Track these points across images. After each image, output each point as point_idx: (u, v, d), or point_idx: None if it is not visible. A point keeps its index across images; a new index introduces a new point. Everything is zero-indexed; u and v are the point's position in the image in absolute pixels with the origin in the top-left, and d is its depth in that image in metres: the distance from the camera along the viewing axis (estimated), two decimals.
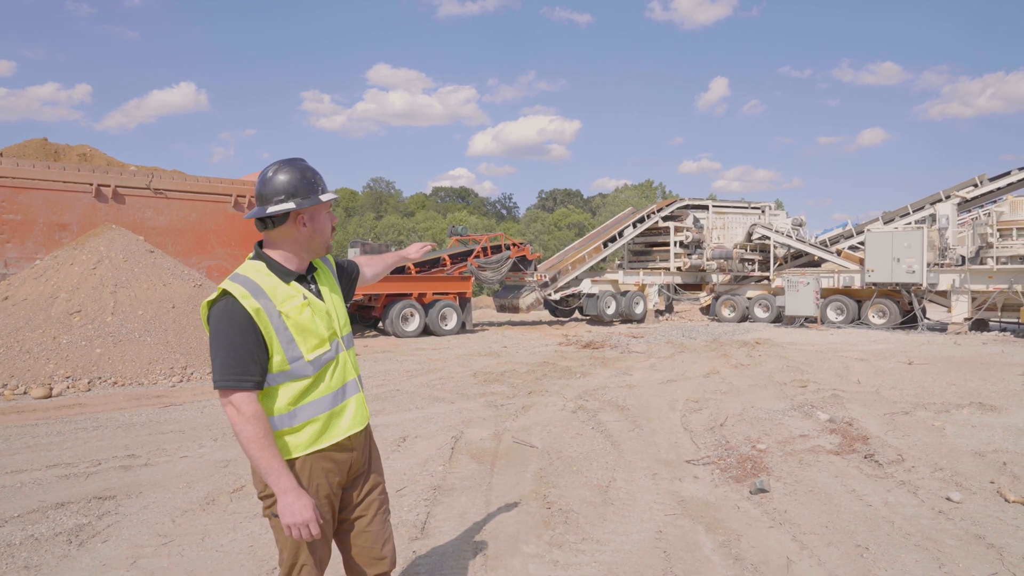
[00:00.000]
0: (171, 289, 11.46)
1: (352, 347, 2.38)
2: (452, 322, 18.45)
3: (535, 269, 21.32)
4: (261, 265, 2.20)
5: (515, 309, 20.93)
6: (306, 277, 2.27)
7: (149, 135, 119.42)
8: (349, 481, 2.31)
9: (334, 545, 2.36)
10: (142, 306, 10.83)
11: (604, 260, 24.49)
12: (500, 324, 22.26)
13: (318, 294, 2.26)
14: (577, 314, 23.36)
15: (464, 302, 19.12)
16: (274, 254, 2.22)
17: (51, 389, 8.82)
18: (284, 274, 2.19)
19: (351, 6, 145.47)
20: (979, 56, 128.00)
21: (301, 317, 2.14)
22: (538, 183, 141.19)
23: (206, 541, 4.04)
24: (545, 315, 24.64)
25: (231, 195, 14.07)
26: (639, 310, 22.60)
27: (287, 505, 2.05)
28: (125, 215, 12.77)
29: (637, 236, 24.24)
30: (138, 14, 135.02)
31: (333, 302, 2.31)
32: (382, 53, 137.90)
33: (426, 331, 18.05)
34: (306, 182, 2.19)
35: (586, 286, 22.12)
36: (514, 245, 20.93)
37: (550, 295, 21.31)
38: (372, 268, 2.80)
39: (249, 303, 2.06)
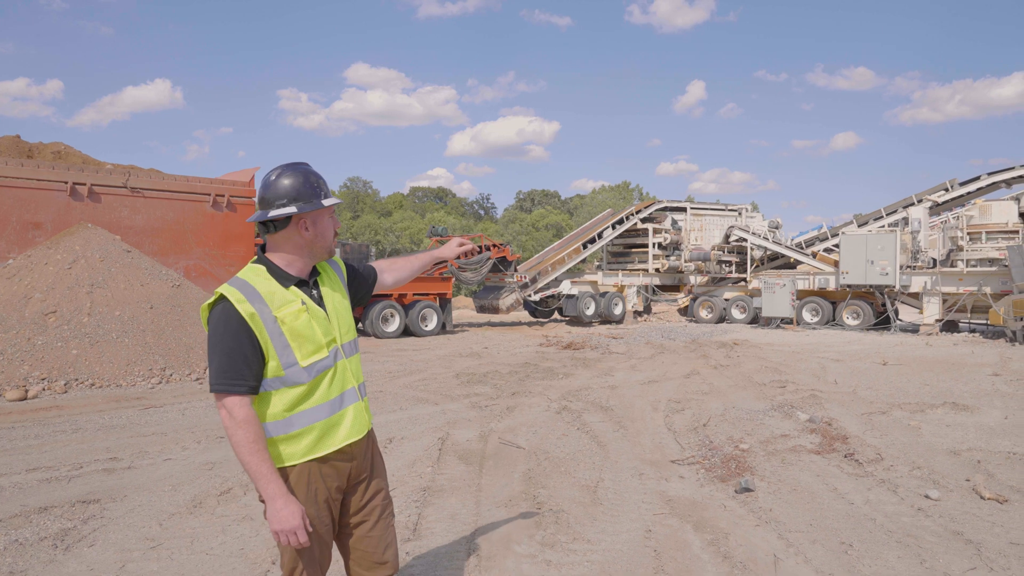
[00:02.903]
0: (149, 289, 11.31)
1: (356, 354, 2.34)
2: (432, 323, 18.44)
3: (515, 270, 21.38)
4: (262, 269, 2.20)
5: (495, 310, 20.97)
6: (308, 282, 2.25)
7: (122, 132, 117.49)
8: (350, 487, 2.30)
9: (336, 549, 2.37)
10: (119, 306, 10.68)
11: (584, 261, 24.62)
12: (480, 325, 22.28)
13: (319, 300, 2.25)
14: (557, 315, 23.46)
15: (444, 303, 19.13)
16: (276, 258, 2.21)
17: (26, 391, 8.67)
18: (284, 279, 2.18)
19: (330, 5, 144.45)
20: (948, 63, 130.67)
21: (297, 323, 2.13)
22: (516, 184, 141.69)
23: (195, 544, 4.02)
24: (525, 316, 24.72)
25: (209, 194, 13.92)
26: (618, 311, 22.75)
27: (275, 511, 2.05)
28: (101, 214, 12.56)
29: (616, 237, 24.41)
30: (113, 9, 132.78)
31: (336, 308, 2.28)
32: (361, 52, 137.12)
33: (406, 332, 18.01)
34: (309, 186, 2.18)
35: (566, 287, 22.22)
36: (494, 246, 20.97)
37: (530, 296, 21.38)
38: (394, 274, 2.74)
39: (244, 308, 2.06)
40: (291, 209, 2.14)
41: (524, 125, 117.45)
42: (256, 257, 2.26)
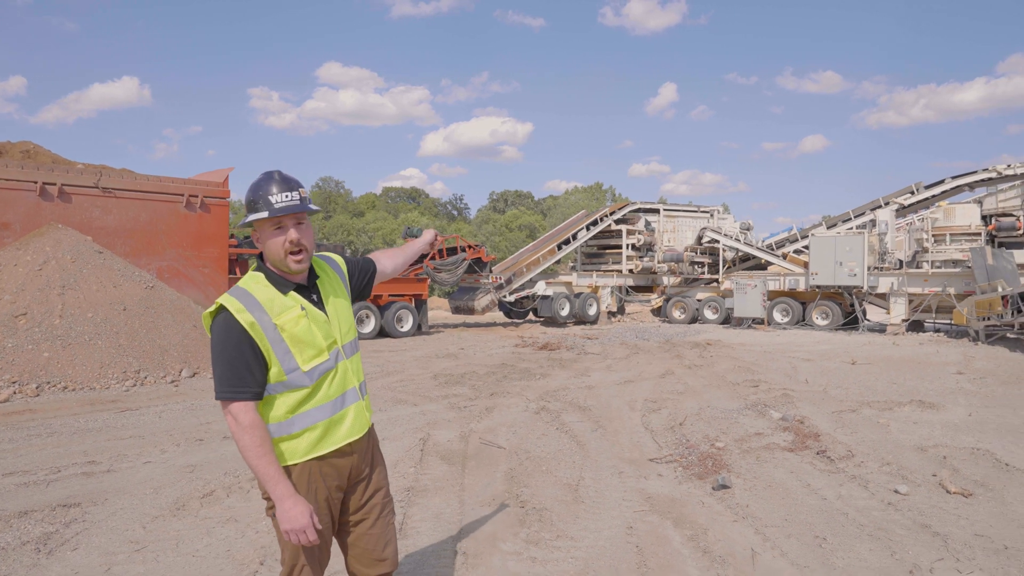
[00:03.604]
0: (122, 291, 11.17)
1: (356, 353, 2.38)
2: (408, 324, 18.43)
3: (490, 271, 21.44)
4: (261, 276, 2.24)
5: (471, 311, 21.00)
6: (307, 286, 2.29)
7: (89, 130, 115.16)
8: (350, 486, 2.35)
9: (336, 546, 2.42)
10: (92, 308, 10.53)
11: (558, 262, 24.77)
12: (455, 326, 22.30)
13: (319, 303, 2.28)
14: (531, 315, 23.56)
15: (420, 304, 19.13)
16: (270, 265, 2.27)
17: None
18: (282, 285, 2.22)
19: (302, 3, 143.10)
20: (913, 68, 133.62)
21: (297, 329, 2.17)
22: (489, 184, 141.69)
23: (181, 547, 4.02)
24: (499, 316, 24.77)
25: (183, 195, 13.76)
26: (592, 311, 22.93)
27: (284, 512, 2.10)
28: (71, 214, 12.37)
29: (590, 239, 24.59)
30: (78, 5, 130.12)
31: (336, 310, 2.32)
32: (333, 51, 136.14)
33: (382, 333, 17.98)
34: (249, 199, 2.20)
35: (541, 288, 22.33)
36: (469, 247, 21.00)
37: (505, 297, 21.45)
38: (393, 260, 2.76)
39: (244, 317, 2.10)
40: (241, 223, 2.21)
41: (497, 126, 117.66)
42: (256, 264, 2.30)
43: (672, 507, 4.59)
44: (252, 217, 2.17)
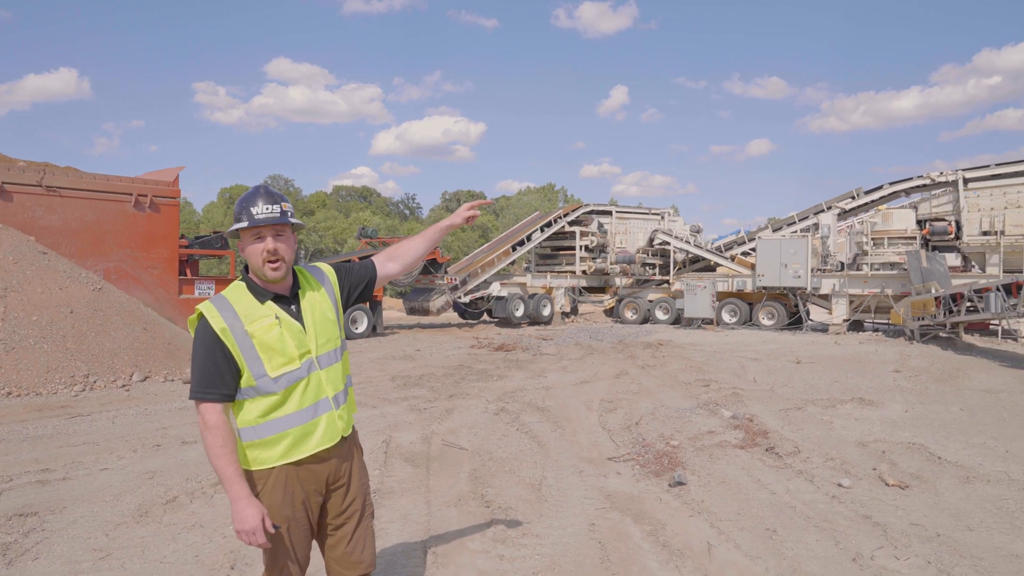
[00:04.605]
0: (68, 293, 10.86)
1: (335, 364, 2.44)
2: (363, 325, 18.35)
3: (445, 272, 21.47)
4: (242, 286, 2.34)
5: (425, 312, 21.00)
6: (287, 296, 2.37)
7: (22, 123, 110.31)
8: (328, 491, 2.42)
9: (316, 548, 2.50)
10: (36, 311, 10.22)
11: (512, 263, 24.93)
12: (410, 327, 22.26)
13: (297, 313, 2.35)
14: (486, 316, 23.67)
15: (375, 305, 19.04)
16: (252, 275, 2.36)
17: None
18: (261, 294, 2.32)
19: None
20: (854, 75, 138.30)
21: (268, 336, 2.26)
22: (442, 184, 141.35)
23: (147, 553, 4.01)
24: (454, 317, 24.80)
25: (131, 194, 13.43)
26: (547, 312, 23.16)
27: (237, 512, 2.19)
28: (13, 214, 11.96)
29: (544, 240, 24.82)
30: None
31: (315, 321, 2.38)
32: (282, 47, 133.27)
33: None
34: (235, 210, 2.32)
35: (495, 289, 22.45)
36: None
37: (460, 298, 21.50)
38: (399, 260, 2.68)
39: (216, 323, 2.22)
40: (225, 233, 2.30)
41: (450, 125, 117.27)
42: (240, 275, 2.39)
43: (631, 504, 4.78)
44: (234, 227, 2.29)
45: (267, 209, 2.28)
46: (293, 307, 2.37)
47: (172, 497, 4.96)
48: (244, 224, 2.27)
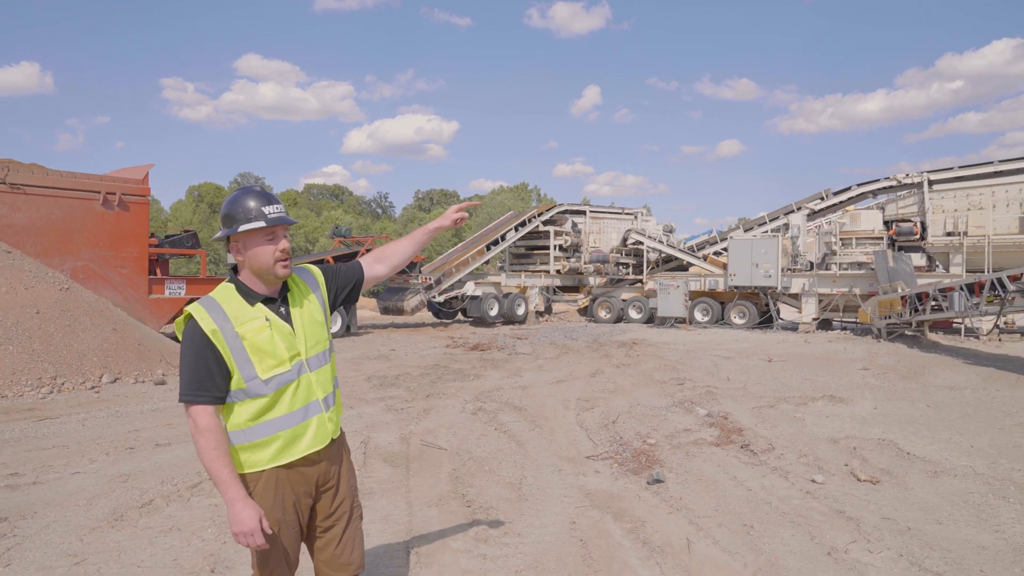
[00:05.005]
0: (34, 293, 10.63)
1: (325, 365, 2.43)
2: (337, 325, 18.22)
3: (419, 271, 21.40)
4: (231, 288, 2.33)
5: (400, 311, 20.91)
6: (276, 298, 2.36)
7: None
8: (318, 493, 2.42)
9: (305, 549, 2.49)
10: (1, 312, 9.98)
11: (487, 262, 24.93)
12: (384, 326, 22.15)
13: (286, 315, 2.34)
14: (460, 316, 23.64)
15: (348, 304, 18.88)
16: (241, 276, 2.34)
17: None
18: (250, 296, 2.30)
19: None
20: (822, 78, 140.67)
21: (259, 338, 2.24)
22: (415, 183, 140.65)
23: (123, 558, 3.96)
24: (428, 317, 24.72)
25: (99, 192, 13.17)
26: (521, 311, 23.20)
27: (234, 514, 2.17)
28: None
29: (518, 239, 24.87)
30: None
31: (304, 323, 2.37)
32: (252, 43, 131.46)
33: None
34: (234, 211, 2.27)
35: (470, 288, 22.43)
36: None
37: (434, 297, 21.44)
38: (387, 262, 2.70)
39: (206, 324, 2.19)
40: (219, 234, 2.29)
41: (423, 124, 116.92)
42: (228, 277, 2.37)
43: (611, 502, 4.82)
44: (249, 226, 2.24)
45: (276, 209, 2.30)
46: (283, 309, 2.36)
47: (148, 500, 4.89)
48: (261, 224, 2.25)
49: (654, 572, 3.69)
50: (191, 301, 11.79)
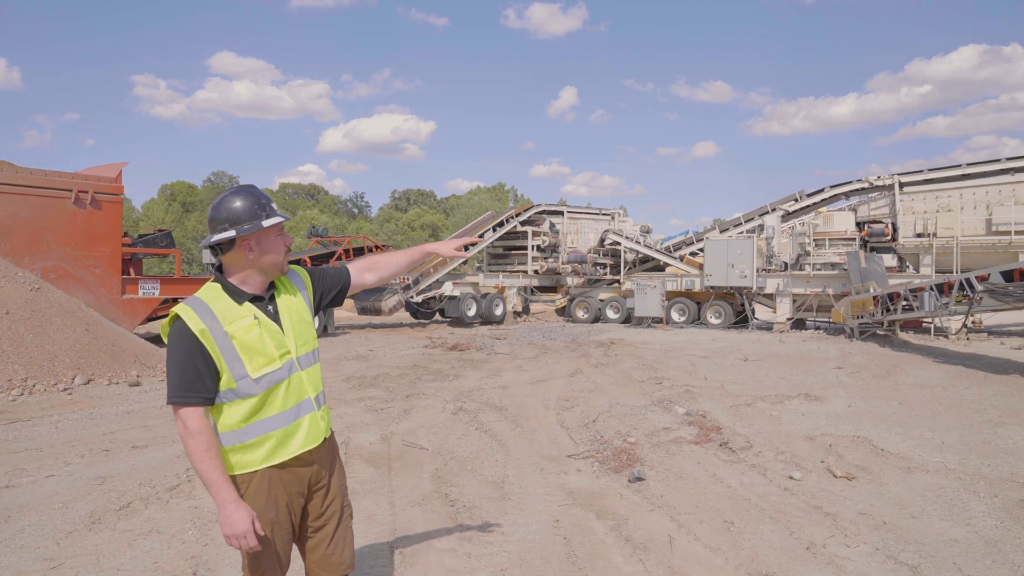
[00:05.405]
0: (3, 293, 10.41)
1: (314, 364, 2.44)
2: (314, 325, 18.05)
3: None
4: (217, 287, 2.31)
5: (377, 311, 20.80)
6: (264, 297, 2.35)
7: None
8: (310, 493, 2.41)
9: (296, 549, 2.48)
10: None
11: (464, 263, 24.91)
12: (362, 327, 22.03)
13: (274, 315, 2.34)
14: (438, 316, 23.59)
15: None
16: (230, 277, 2.32)
17: None
18: (238, 295, 2.29)
19: None
20: (794, 81, 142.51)
21: (248, 337, 2.23)
22: (391, 183, 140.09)
23: (102, 561, 3.90)
24: (406, 317, 24.63)
25: (71, 190, 12.93)
26: (499, 312, 23.21)
27: (226, 516, 2.16)
28: None
29: (496, 239, 24.88)
30: None
31: (292, 322, 2.37)
32: (226, 40, 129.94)
33: None
34: (249, 208, 2.28)
35: (448, 288, 22.39)
36: (377, 247, 20.81)
37: (412, 297, 21.38)
38: (378, 272, 2.74)
39: (195, 324, 2.18)
40: (231, 233, 2.25)
41: (399, 123, 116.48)
42: (213, 277, 2.36)
43: (593, 500, 4.86)
44: (271, 221, 2.28)
45: (277, 208, 2.36)
46: (270, 308, 2.35)
47: (126, 503, 4.82)
48: (279, 219, 2.31)
49: (637, 568, 3.74)
50: (165, 301, 11.53)
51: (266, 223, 2.27)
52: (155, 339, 14.08)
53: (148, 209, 63.83)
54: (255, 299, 2.32)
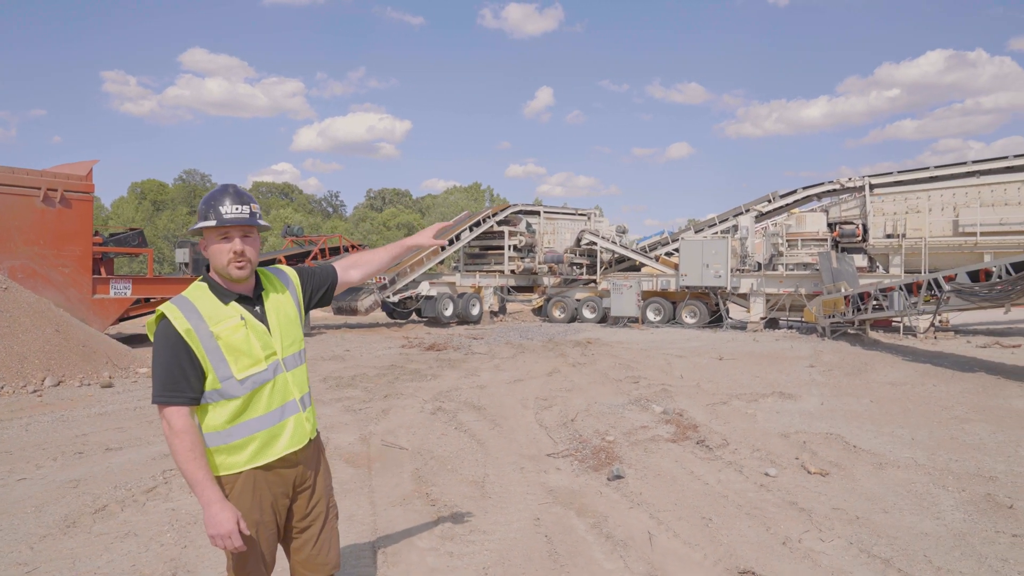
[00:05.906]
0: None
1: (300, 365, 2.43)
2: None
3: None
4: (204, 287, 2.30)
5: (354, 311, 20.67)
6: (251, 297, 2.35)
7: None
8: (295, 494, 2.41)
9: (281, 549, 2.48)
10: None
11: (441, 262, 24.87)
12: (338, 327, 21.88)
13: (262, 315, 2.33)
14: (415, 316, 23.52)
15: None
16: (213, 275, 2.33)
17: None
18: (224, 295, 2.28)
19: None
20: (767, 84, 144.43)
21: (234, 338, 2.23)
22: (366, 182, 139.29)
23: (78, 565, 3.85)
24: (382, 317, 24.52)
25: (40, 188, 12.67)
26: (476, 311, 23.21)
27: (211, 517, 2.16)
28: None
29: (473, 239, 24.88)
30: None
31: (279, 323, 2.36)
32: (198, 36, 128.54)
33: None
34: (201, 208, 2.29)
35: (424, 288, 22.33)
36: (353, 247, 20.69)
37: (389, 297, 21.29)
38: (362, 269, 2.74)
39: (180, 324, 2.17)
40: (191, 229, 2.29)
41: (375, 122, 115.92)
42: (202, 276, 2.35)
43: (573, 498, 4.90)
44: (200, 224, 2.25)
45: (236, 209, 2.25)
46: (257, 308, 2.34)
47: (101, 506, 4.76)
48: (212, 223, 2.23)
49: (618, 565, 3.78)
50: (137, 301, 11.37)
51: (197, 224, 2.27)
52: (127, 340, 13.87)
53: (118, 208, 62.77)
54: (242, 299, 2.31)
